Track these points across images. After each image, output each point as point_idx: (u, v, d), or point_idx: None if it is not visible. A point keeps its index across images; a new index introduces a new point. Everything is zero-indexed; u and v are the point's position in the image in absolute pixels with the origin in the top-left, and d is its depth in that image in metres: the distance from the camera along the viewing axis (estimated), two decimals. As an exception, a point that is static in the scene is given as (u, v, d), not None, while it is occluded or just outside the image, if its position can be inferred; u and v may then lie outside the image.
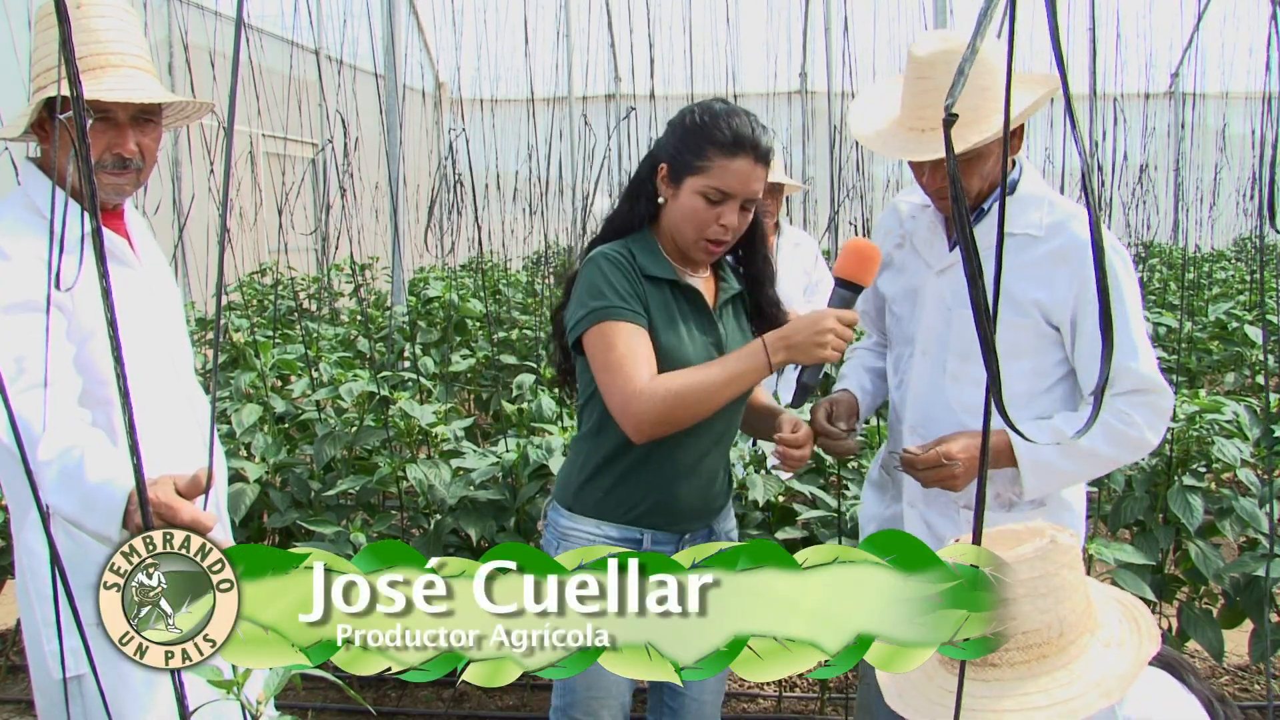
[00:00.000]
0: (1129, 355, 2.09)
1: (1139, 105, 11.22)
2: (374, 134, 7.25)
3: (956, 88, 0.70)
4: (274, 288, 7.21)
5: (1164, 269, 9.89)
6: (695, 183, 2.06)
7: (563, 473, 2.26)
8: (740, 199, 2.07)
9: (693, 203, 2.07)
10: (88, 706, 1.99)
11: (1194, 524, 3.09)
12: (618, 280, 2.06)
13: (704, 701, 2.34)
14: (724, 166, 2.05)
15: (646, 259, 2.12)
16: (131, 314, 2.06)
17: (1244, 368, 6.21)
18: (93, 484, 1.60)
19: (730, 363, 2.01)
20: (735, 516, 3.17)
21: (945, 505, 2.25)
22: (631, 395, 1.98)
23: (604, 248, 2.13)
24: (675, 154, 2.10)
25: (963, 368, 2.20)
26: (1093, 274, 2.09)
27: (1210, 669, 3.93)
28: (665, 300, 2.12)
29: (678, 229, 2.12)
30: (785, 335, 2.01)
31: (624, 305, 2.05)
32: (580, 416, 2.23)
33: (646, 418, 1.98)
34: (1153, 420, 2.11)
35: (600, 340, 2.03)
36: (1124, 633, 1.45)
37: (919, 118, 2.08)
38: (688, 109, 2.14)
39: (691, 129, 2.08)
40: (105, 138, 1.98)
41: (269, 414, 3.72)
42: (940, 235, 2.26)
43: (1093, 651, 1.41)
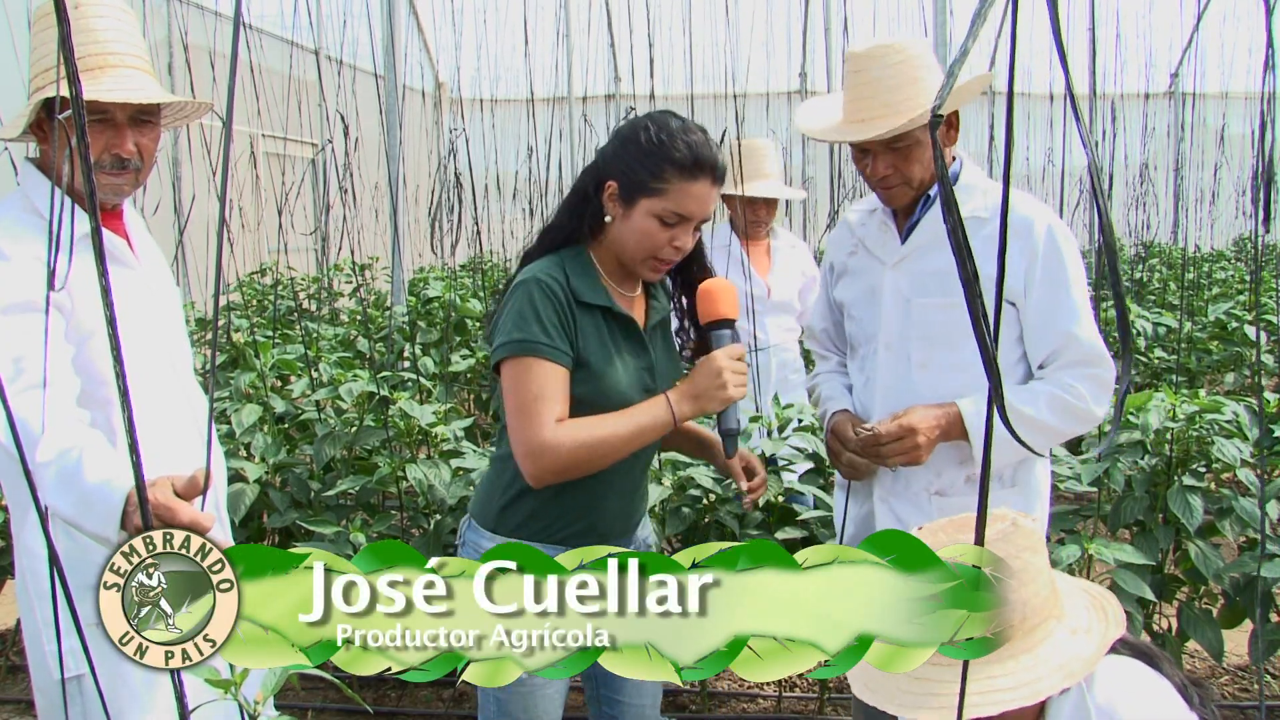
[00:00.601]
0: (1070, 320, 2.17)
1: (1139, 105, 11.22)
2: (374, 134, 7.25)
3: (945, 88, 0.70)
4: (274, 288, 7.21)
5: (1164, 269, 9.90)
6: (651, 205, 1.99)
7: (483, 491, 2.18)
8: (696, 221, 2.03)
9: (646, 225, 2.00)
10: (87, 706, 1.99)
11: (1194, 524, 3.08)
12: (546, 312, 1.99)
13: (644, 706, 2.30)
14: (683, 190, 1.98)
15: (581, 283, 2.04)
16: (131, 314, 2.06)
17: (1243, 368, 6.21)
18: (91, 485, 1.60)
19: (636, 416, 1.97)
20: (735, 517, 3.19)
21: (915, 495, 2.29)
22: (536, 444, 1.92)
23: (539, 270, 2.03)
24: (628, 172, 2.00)
25: (929, 354, 2.26)
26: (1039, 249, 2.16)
27: (1210, 669, 3.93)
28: (598, 326, 2.05)
29: (625, 249, 2.05)
30: (686, 390, 2.00)
31: (547, 343, 1.97)
32: (500, 437, 2.13)
33: (548, 468, 1.94)
34: (1096, 393, 2.18)
35: (517, 375, 1.97)
36: (1091, 620, 1.48)
37: (859, 109, 2.19)
38: (639, 123, 2.04)
39: (648, 148, 1.99)
40: (103, 138, 1.97)
41: (269, 414, 3.72)
42: (891, 231, 2.33)
43: (1058, 636, 1.43)
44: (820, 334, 2.59)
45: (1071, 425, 2.20)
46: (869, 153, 2.22)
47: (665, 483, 3.14)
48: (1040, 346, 2.20)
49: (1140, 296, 8.36)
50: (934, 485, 2.27)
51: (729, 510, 3.19)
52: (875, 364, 2.33)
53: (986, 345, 0.75)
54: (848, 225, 2.46)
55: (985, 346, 0.73)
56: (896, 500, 2.31)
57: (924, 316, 2.25)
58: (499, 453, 2.14)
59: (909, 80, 2.15)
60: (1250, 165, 10.31)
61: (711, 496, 3.22)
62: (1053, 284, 2.18)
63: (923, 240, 2.27)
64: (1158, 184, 10.82)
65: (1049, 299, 2.18)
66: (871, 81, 2.16)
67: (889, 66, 2.15)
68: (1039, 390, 2.18)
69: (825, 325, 2.57)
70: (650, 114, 2.07)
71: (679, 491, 3.21)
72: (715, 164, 2.00)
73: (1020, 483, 2.29)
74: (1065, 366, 2.18)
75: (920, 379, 2.26)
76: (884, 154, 2.19)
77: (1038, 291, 2.18)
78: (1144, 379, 6.17)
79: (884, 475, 2.32)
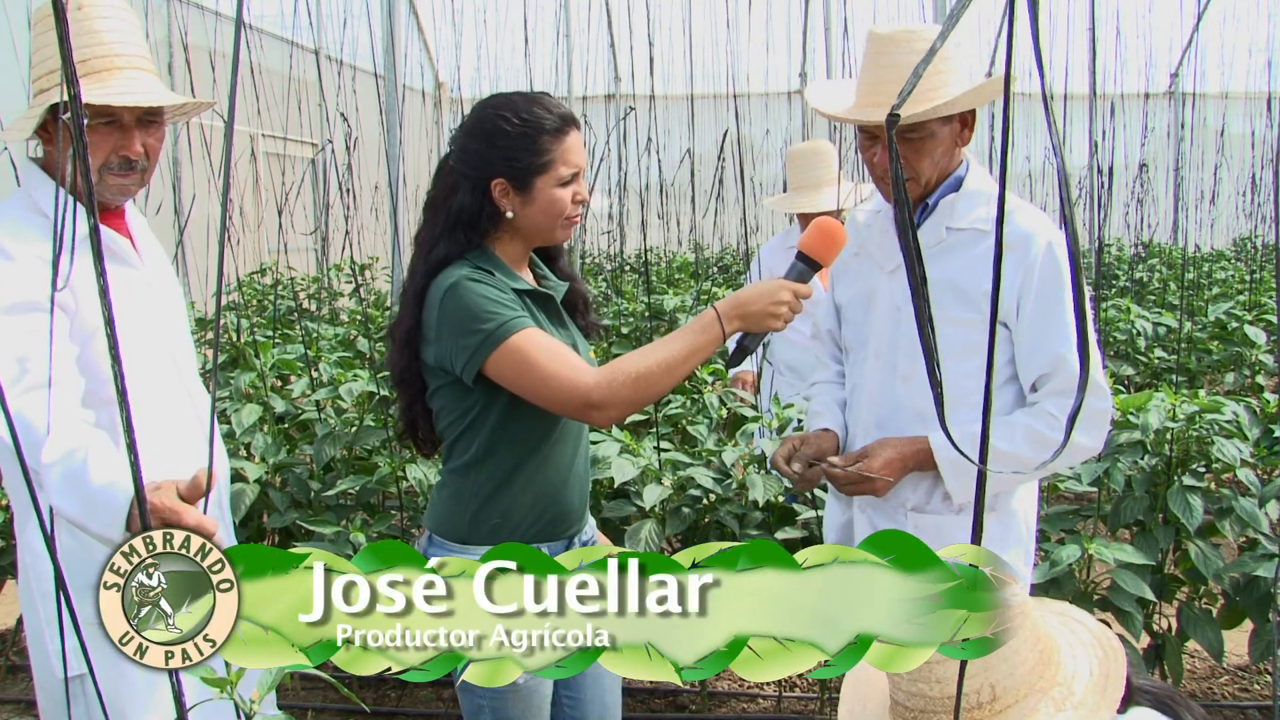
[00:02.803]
0: (1062, 343, 2.09)
1: (1139, 105, 11.22)
2: (374, 134, 7.25)
3: (907, 88, 0.70)
4: (274, 288, 7.21)
5: (1164, 269, 9.90)
6: (547, 178, 2.02)
7: (442, 508, 2.13)
8: (582, 169, 2.07)
9: (550, 195, 2.03)
10: (90, 706, 1.99)
11: (1194, 524, 3.08)
12: (495, 295, 1.98)
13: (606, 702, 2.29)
14: (564, 150, 2.02)
15: (503, 274, 2.04)
16: (134, 314, 2.06)
17: (1244, 368, 6.21)
18: (96, 487, 1.60)
19: (685, 337, 1.97)
20: (735, 517, 3.19)
21: (892, 509, 2.25)
22: (592, 387, 1.91)
23: (455, 273, 2.00)
24: (511, 163, 2.01)
25: (913, 368, 2.20)
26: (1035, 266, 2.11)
27: (1210, 669, 3.93)
28: (528, 308, 2.04)
29: (537, 227, 2.07)
30: (740, 304, 1.98)
31: (517, 314, 1.96)
32: (452, 450, 2.10)
33: (616, 404, 1.93)
34: (1084, 423, 2.10)
35: (515, 356, 1.94)
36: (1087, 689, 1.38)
37: (876, 92, 2.13)
38: (488, 116, 2.04)
39: (519, 132, 2.00)
40: (111, 140, 1.97)
41: (269, 414, 3.72)
42: (891, 236, 2.27)
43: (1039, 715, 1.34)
44: (825, 335, 2.53)
45: (1050, 458, 2.11)
46: (878, 140, 2.15)
47: (665, 483, 3.14)
48: (1031, 368, 2.13)
49: (1140, 296, 8.36)
50: (910, 501, 2.23)
51: (729, 510, 3.19)
52: (863, 372, 2.30)
53: (934, 369, 0.75)
54: (854, 224, 2.40)
55: (933, 370, 0.73)
56: (875, 512, 2.28)
57: (913, 327, 2.18)
58: (457, 465, 2.10)
59: (932, 69, 2.08)
60: (1250, 165, 10.32)
61: (712, 496, 3.22)
62: (1048, 304, 2.11)
63: (920, 248, 2.24)
64: (1157, 183, 10.82)
65: (1042, 319, 2.11)
66: (893, 65, 2.10)
67: (913, 52, 2.09)
68: (1017, 423, 2.12)
69: (830, 326, 2.51)
70: (488, 104, 2.07)
71: (679, 491, 3.21)
72: (569, 113, 2.06)
73: (999, 508, 2.22)
74: (1053, 394, 2.11)
75: (903, 392, 2.22)
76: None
77: (1031, 310, 2.11)
78: (1144, 379, 6.17)
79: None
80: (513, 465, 2.06)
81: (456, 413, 2.06)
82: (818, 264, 2.06)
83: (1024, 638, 1.37)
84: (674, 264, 10.08)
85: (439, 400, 2.08)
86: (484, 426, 2.04)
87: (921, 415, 2.19)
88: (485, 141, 2.03)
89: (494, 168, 2.02)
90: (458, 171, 2.06)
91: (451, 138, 2.12)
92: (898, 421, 2.22)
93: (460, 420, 2.06)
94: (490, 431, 2.04)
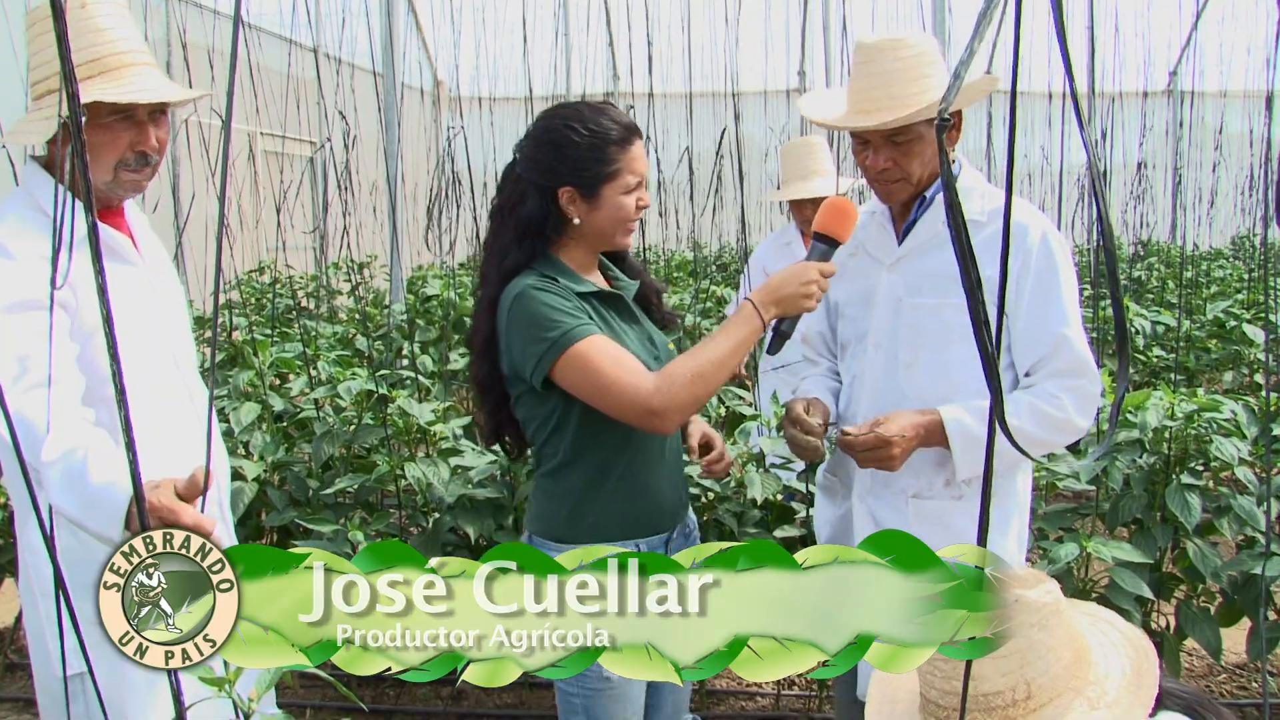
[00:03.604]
0: (1060, 326, 2.17)
1: (1137, 104, 11.21)
2: (372, 132, 7.24)
3: (951, 91, 0.70)
4: (272, 286, 7.20)
5: (1162, 267, 9.89)
6: (613, 186, 2.09)
7: (540, 508, 2.21)
8: (644, 176, 2.14)
9: (618, 202, 2.10)
10: (89, 704, 1.99)
11: (1192, 522, 3.09)
12: (559, 304, 2.04)
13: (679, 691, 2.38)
14: (629, 159, 2.09)
15: (568, 279, 2.11)
16: (134, 311, 2.06)
17: (1242, 366, 6.21)
18: (96, 486, 1.60)
19: (730, 331, 2.04)
20: (734, 515, 3.19)
21: (893, 497, 2.29)
22: (651, 394, 1.97)
23: (522, 282, 2.08)
24: (579, 171, 2.08)
25: (917, 355, 2.26)
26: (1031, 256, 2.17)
27: (1208, 667, 3.94)
28: (596, 311, 2.12)
29: (602, 233, 2.13)
30: (773, 290, 2.06)
31: (581, 322, 2.03)
32: (543, 452, 2.18)
33: (676, 408, 1.99)
34: (1080, 404, 2.17)
35: (579, 364, 2.00)
36: (1121, 689, 1.38)
37: (864, 99, 2.20)
38: (558, 126, 2.11)
39: (588, 143, 2.07)
40: (127, 136, 1.99)
41: (267, 412, 3.72)
42: (889, 232, 2.34)
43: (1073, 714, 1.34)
44: (815, 336, 2.58)
45: (1052, 436, 2.19)
46: (869, 145, 2.22)
47: (664, 481, 3.14)
48: (1029, 353, 2.20)
49: (1139, 295, 8.36)
50: (911, 488, 2.27)
51: (727, 508, 3.19)
52: (864, 363, 2.34)
53: (988, 350, 0.75)
54: None
55: (986, 351, 0.73)
56: (875, 500, 2.31)
57: (915, 317, 2.26)
58: (548, 468, 2.18)
59: (917, 75, 2.16)
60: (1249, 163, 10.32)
61: (710, 495, 3.22)
62: (1044, 290, 2.18)
63: (919, 242, 2.27)
64: (1156, 182, 10.82)
65: (1040, 305, 2.18)
66: (879, 73, 2.17)
67: (898, 60, 2.16)
68: (1021, 399, 2.17)
69: (821, 328, 2.56)
70: (555, 114, 2.14)
71: (678, 490, 3.20)
72: (634, 123, 2.15)
73: (999, 492, 2.27)
74: (1051, 376, 2.18)
75: (906, 379, 2.27)
76: (884, 147, 2.19)
77: (1029, 297, 2.18)
78: (1142, 378, 6.17)
79: (862, 476, 2.33)
80: (600, 465, 2.12)
81: (539, 419, 2.14)
82: (836, 241, 2.13)
83: (1060, 636, 1.36)
84: (672, 262, 10.08)
85: (522, 409, 2.17)
86: (567, 429, 2.11)
87: (924, 402, 2.23)
88: (554, 151, 2.09)
89: (563, 176, 2.09)
90: (526, 179, 2.13)
91: (517, 145, 2.18)
92: (899, 409, 2.25)
93: (544, 426, 2.13)
94: (574, 434, 2.11)
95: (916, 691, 1.46)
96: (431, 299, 6.99)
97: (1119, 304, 0.76)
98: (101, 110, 1.92)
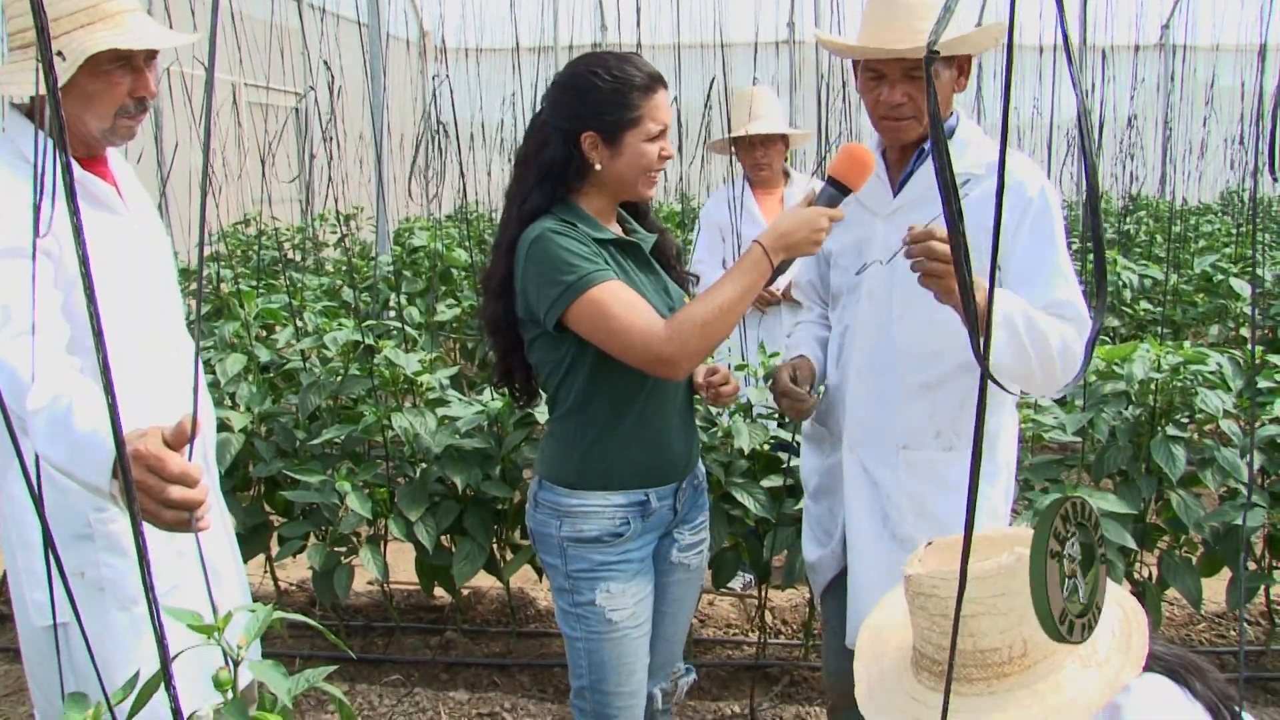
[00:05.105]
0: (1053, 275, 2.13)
1: (1129, 57, 11.14)
2: (358, 84, 7.17)
3: (941, 24, 0.69)
4: (258, 238, 7.16)
5: (1151, 221, 9.89)
6: (635, 133, 2.10)
7: (551, 454, 2.24)
8: (668, 126, 2.15)
9: (638, 149, 2.11)
10: (74, 654, 1.99)
11: (1176, 474, 3.11)
12: (577, 248, 2.05)
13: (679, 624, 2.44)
14: (653, 106, 2.10)
15: (587, 225, 2.12)
16: (119, 260, 2.04)
17: (1228, 320, 6.23)
18: (82, 433, 1.59)
19: (739, 277, 2.05)
20: (721, 465, 3.21)
21: (883, 447, 2.29)
22: (664, 340, 1.99)
23: (541, 226, 2.09)
24: (602, 117, 2.09)
25: (909, 307, 2.23)
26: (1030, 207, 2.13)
27: (1189, 616, 3.98)
28: (613, 258, 2.13)
29: (623, 181, 2.14)
30: (783, 235, 2.06)
31: (597, 268, 2.04)
32: (556, 397, 2.20)
33: (686, 355, 2.00)
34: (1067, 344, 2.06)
35: (592, 308, 2.01)
36: (1111, 649, 1.38)
37: (882, 30, 2.15)
38: (583, 72, 2.11)
39: (610, 88, 2.08)
40: (127, 82, 1.99)
41: (253, 364, 3.70)
42: (884, 183, 2.31)
43: (1066, 671, 1.35)
44: (805, 285, 2.59)
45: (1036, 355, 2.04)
46: (883, 79, 2.17)
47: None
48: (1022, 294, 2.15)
49: (1127, 249, 8.36)
50: (901, 439, 2.27)
51: (715, 459, 3.20)
52: (856, 313, 2.33)
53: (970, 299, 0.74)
54: None
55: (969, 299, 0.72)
56: (865, 451, 2.31)
57: (908, 270, 2.23)
58: (560, 413, 2.20)
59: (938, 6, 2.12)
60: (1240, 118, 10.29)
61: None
62: (1039, 241, 2.15)
63: (914, 195, 2.25)
64: (1146, 136, 10.79)
65: (1034, 256, 2.15)
66: (903, 4, 2.13)
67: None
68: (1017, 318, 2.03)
69: (811, 276, 2.56)
70: (581, 61, 2.16)
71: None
72: (658, 73, 2.15)
73: (986, 445, 2.26)
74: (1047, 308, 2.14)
75: (898, 331, 2.26)
76: (901, 82, 2.15)
77: (1024, 247, 2.16)
78: (1129, 331, 6.19)
79: (852, 427, 2.33)
80: (613, 411, 2.15)
81: (552, 363, 2.16)
82: (847, 189, 2.12)
83: None
84: (659, 214, 10.03)
85: (536, 353, 2.18)
86: (579, 374, 2.13)
87: (915, 355, 2.23)
88: (578, 96, 2.10)
89: (585, 121, 2.10)
90: (550, 124, 2.15)
91: (545, 94, 2.19)
92: (890, 361, 2.27)
93: (557, 370, 2.15)
94: (586, 379, 2.13)
95: (908, 645, 1.47)
96: (418, 250, 6.96)
97: (1100, 240, 0.75)
98: (101, 58, 1.91)
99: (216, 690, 1.20)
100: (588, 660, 2.22)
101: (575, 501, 2.17)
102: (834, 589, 2.45)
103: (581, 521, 2.16)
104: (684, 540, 2.33)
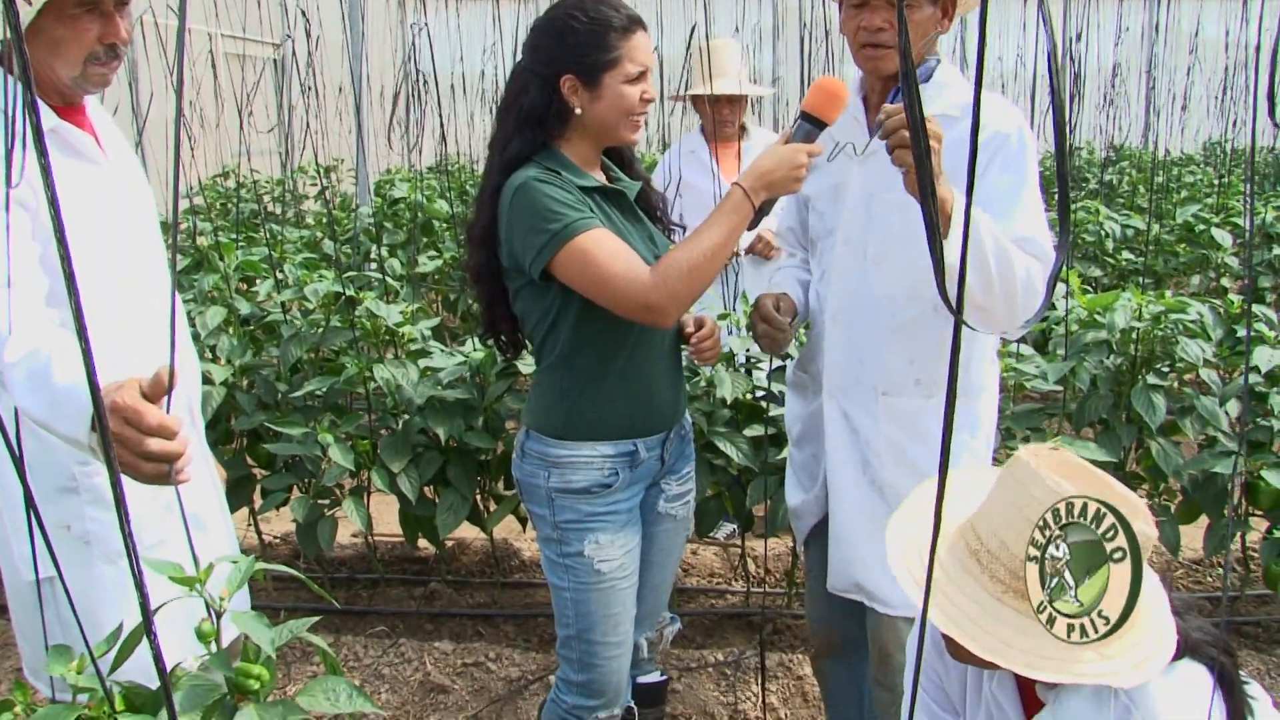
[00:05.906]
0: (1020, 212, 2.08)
1: (1113, 6, 11.08)
2: (336, 34, 7.06)
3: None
4: (237, 190, 7.09)
5: (1133, 172, 9.89)
6: (614, 75, 2.07)
7: (538, 404, 2.23)
8: (649, 69, 2.13)
9: (618, 92, 2.09)
10: (60, 609, 1.99)
11: (1156, 422, 3.13)
12: (562, 196, 2.03)
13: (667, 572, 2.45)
14: (632, 47, 2.08)
15: (571, 173, 2.10)
16: (98, 210, 2.01)
17: (1209, 270, 6.26)
18: (61, 386, 1.57)
19: (722, 220, 2.04)
20: (704, 415, 3.21)
21: (863, 394, 2.28)
22: (650, 288, 1.98)
23: (524, 174, 2.06)
24: (580, 59, 2.07)
25: (885, 250, 2.22)
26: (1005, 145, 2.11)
27: (1166, 563, 4.03)
28: (599, 206, 2.11)
29: (605, 124, 2.12)
30: (763, 175, 2.05)
31: (583, 215, 2.03)
32: (542, 348, 2.19)
33: (673, 301, 2.00)
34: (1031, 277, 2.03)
35: (577, 257, 2.00)
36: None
37: None
38: (560, 15, 2.09)
39: (585, 31, 2.06)
40: (95, 28, 1.94)
41: (234, 316, 3.68)
42: (861, 124, 2.28)
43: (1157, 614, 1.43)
44: (786, 231, 2.58)
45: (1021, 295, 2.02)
46: (865, 6, 2.14)
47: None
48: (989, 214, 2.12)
49: (1110, 199, 8.37)
50: (881, 385, 2.26)
51: (697, 408, 3.21)
52: (832, 258, 2.32)
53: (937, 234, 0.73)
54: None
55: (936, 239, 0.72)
56: (844, 398, 2.31)
57: (884, 213, 2.22)
58: (547, 363, 2.19)
59: None
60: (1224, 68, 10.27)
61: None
62: (1009, 178, 2.12)
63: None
64: (1130, 86, 10.77)
65: (1002, 190, 2.11)
66: None
67: None
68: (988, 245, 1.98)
69: (792, 224, 2.55)
70: (558, 5, 2.13)
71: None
72: (637, 15, 2.13)
73: (968, 392, 2.26)
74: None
75: (875, 276, 2.24)
76: (884, 8, 2.12)
77: (991, 182, 2.12)
78: (1111, 280, 6.21)
79: (831, 372, 2.32)
80: (600, 361, 2.14)
81: (538, 313, 2.15)
82: (823, 123, 2.10)
83: None
84: (642, 163, 9.96)
85: (521, 303, 2.17)
86: (565, 323, 2.12)
87: (891, 299, 2.23)
88: (555, 39, 2.09)
89: (563, 64, 2.08)
90: (529, 70, 2.13)
91: (525, 41, 2.17)
92: (867, 305, 2.26)
93: (543, 320, 2.14)
94: (572, 328, 2.12)
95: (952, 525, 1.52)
96: (399, 202, 6.91)
97: (1065, 172, 0.74)
98: (67, 3, 1.87)
99: (200, 642, 1.20)
100: (575, 610, 2.23)
101: (563, 452, 2.17)
102: (816, 536, 2.46)
103: (570, 472, 2.16)
104: (671, 490, 2.34)
